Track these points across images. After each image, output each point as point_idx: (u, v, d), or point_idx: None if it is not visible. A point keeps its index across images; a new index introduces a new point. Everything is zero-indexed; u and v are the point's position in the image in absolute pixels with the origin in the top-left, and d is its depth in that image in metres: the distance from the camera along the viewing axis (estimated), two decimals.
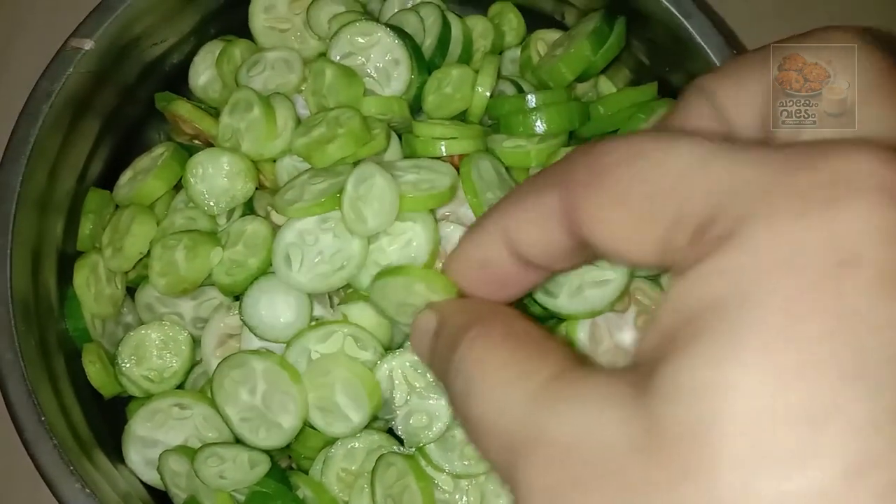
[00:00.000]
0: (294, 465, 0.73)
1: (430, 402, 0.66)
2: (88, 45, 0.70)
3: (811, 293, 0.25)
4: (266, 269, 0.69)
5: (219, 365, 0.66)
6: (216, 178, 0.71)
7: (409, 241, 0.66)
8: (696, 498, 0.24)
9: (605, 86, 0.86)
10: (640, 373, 0.28)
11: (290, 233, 0.68)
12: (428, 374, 0.66)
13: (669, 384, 0.26)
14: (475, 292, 0.44)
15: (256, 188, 0.73)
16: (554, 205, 0.35)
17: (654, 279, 0.70)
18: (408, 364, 0.66)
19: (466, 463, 0.65)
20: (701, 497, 0.24)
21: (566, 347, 0.34)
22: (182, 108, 0.76)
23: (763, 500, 0.24)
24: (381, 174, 0.64)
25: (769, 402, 0.24)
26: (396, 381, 0.66)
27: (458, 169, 0.69)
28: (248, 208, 0.74)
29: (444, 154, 0.71)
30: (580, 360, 0.32)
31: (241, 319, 0.67)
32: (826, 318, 0.24)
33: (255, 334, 0.67)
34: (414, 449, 0.67)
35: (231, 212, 0.74)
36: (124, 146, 0.81)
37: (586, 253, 0.37)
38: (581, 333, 0.66)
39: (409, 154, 0.72)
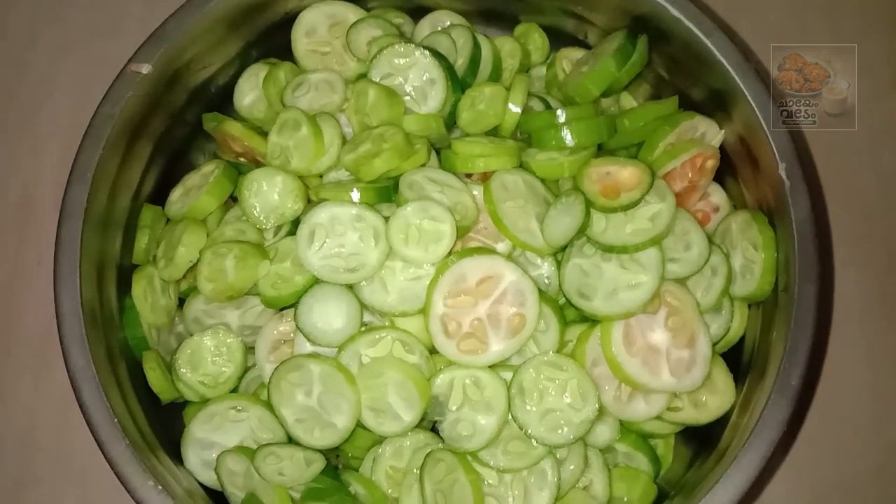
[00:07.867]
0: (341, 465, 0.77)
1: (479, 416, 0.69)
2: (146, 69, 0.75)
3: None
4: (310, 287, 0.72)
5: (276, 368, 0.70)
6: (269, 194, 0.75)
7: (419, 278, 0.71)
8: None
9: (627, 100, 0.90)
10: None
11: (324, 213, 0.72)
12: (484, 393, 0.70)
13: None
14: None
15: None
16: None
17: (682, 282, 0.74)
18: (470, 380, 0.70)
19: (510, 458, 0.69)
20: None
21: None
22: (233, 128, 0.81)
23: None
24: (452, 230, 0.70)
25: None
26: (455, 390, 0.70)
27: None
28: (295, 226, 0.77)
29: (482, 170, 0.75)
30: None
31: (297, 326, 0.71)
32: None
33: (309, 340, 0.71)
34: None
35: (279, 228, 0.78)
36: (172, 165, 0.85)
37: None
38: (616, 334, 0.70)
39: (448, 168, 0.76)
